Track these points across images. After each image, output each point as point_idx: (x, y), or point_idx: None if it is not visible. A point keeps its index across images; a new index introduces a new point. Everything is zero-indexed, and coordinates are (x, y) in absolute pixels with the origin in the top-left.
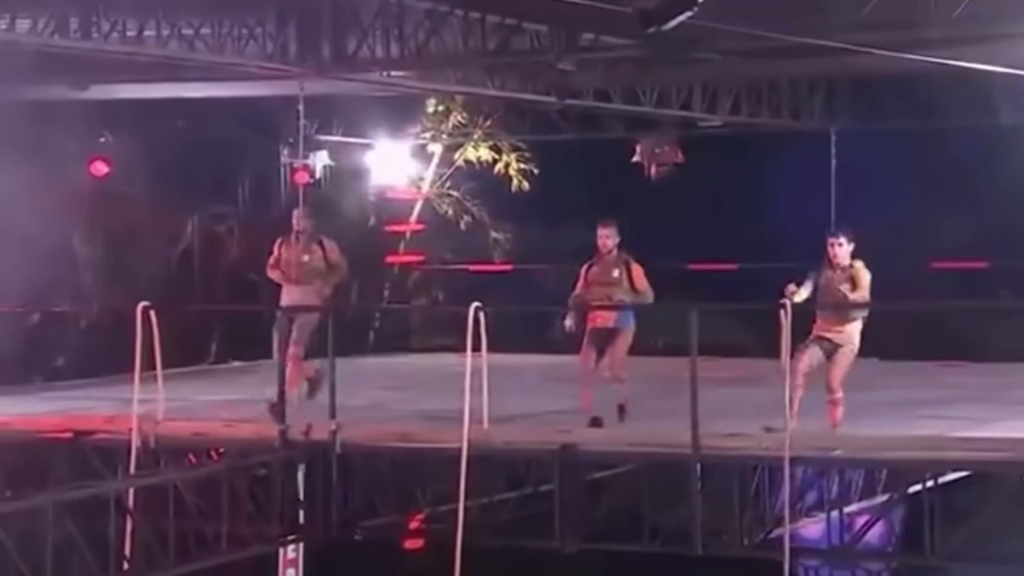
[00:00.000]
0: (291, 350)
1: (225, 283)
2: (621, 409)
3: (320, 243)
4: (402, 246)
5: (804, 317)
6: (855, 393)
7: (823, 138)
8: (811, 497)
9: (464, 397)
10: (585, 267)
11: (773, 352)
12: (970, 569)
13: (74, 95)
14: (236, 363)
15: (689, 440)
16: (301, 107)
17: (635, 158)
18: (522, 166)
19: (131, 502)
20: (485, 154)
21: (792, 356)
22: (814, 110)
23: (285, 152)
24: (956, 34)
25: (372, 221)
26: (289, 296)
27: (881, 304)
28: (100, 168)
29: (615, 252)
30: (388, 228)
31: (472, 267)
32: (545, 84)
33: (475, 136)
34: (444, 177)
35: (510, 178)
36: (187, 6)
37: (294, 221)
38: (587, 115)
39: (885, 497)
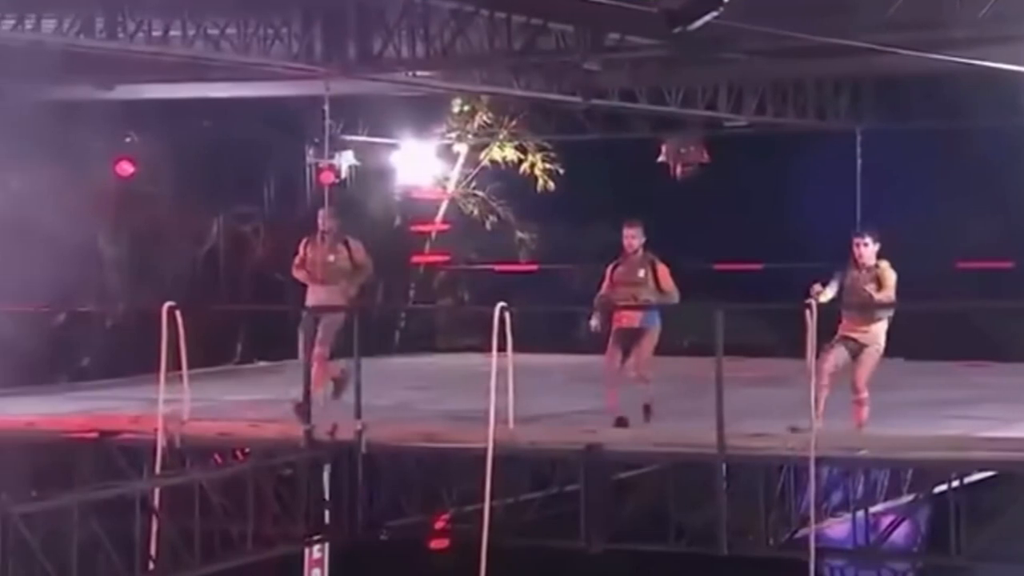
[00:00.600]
0: (317, 350)
1: (250, 283)
2: (647, 409)
3: (346, 243)
4: (428, 246)
5: (830, 317)
6: (880, 393)
7: (849, 138)
8: (836, 497)
9: (490, 397)
10: (611, 267)
11: (798, 352)
12: (996, 569)
13: (100, 95)
14: (262, 363)
15: (715, 440)
16: (327, 107)
17: (661, 158)
18: (548, 166)
19: (156, 502)
20: (511, 154)
21: (818, 356)
22: (840, 110)
23: (311, 152)
24: (981, 34)
25: (398, 221)
26: (315, 296)
27: (907, 304)
28: (126, 168)
29: (641, 252)
30: (414, 228)
31: (498, 267)
32: (571, 84)
33: (501, 136)
34: (470, 177)
35: (536, 178)
36: (213, 6)
37: (319, 221)
38: (613, 115)
39: (911, 497)
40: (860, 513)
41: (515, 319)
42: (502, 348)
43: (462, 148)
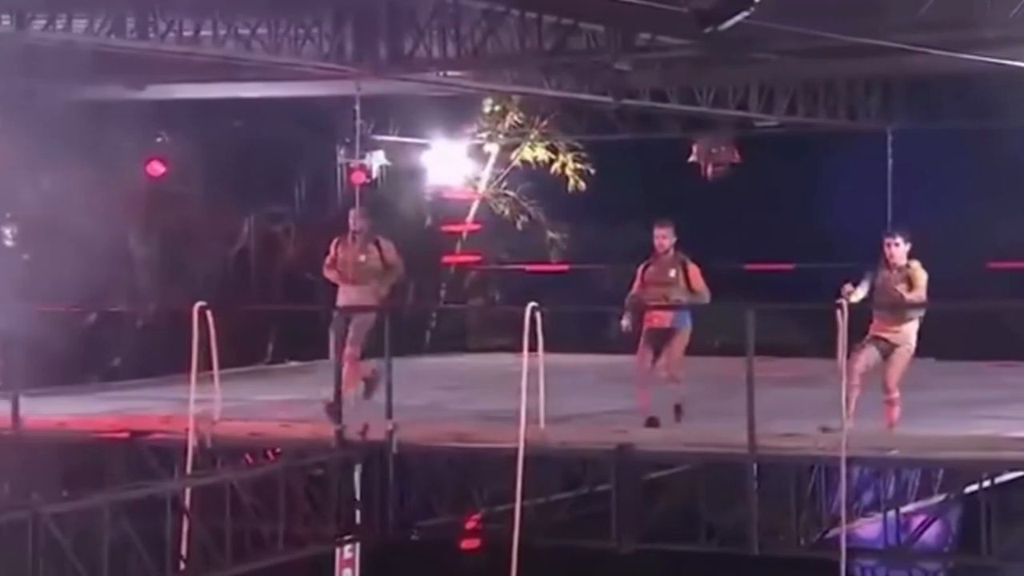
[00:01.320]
0: (347, 350)
1: (281, 283)
2: (677, 409)
3: (376, 243)
4: (458, 246)
5: (861, 317)
6: (911, 393)
7: (879, 138)
8: (867, 497)
9: (520, 397)
10: (642, 267)
11: (829, 352)
12: None
13: (131, 95)
14: (293, 363)
15: (745, 440)
16: (358, 107)
17: (692, 158)
18: (579, 166)
19: (187, 502)
20: (542, 154)
21: (848, 356)
22: (870, 110)
23: (342, 152)
24: (1013, 34)
25: (428, 221)
26: (345, 296)
27: (937, 304)
28: (157, 168)
29: (672, 252)
30: (444, 228)
31: (528, 267)
32: (602, 84)
33: (532, 136)
34: (500, 177)
35: (567, 178)
36: (244, 6)
37: (350, 221)
38: (644, 115)
39: (941, 497)
40: (891, 513)
41: (546, 319)
42: (533, 348)
43: (493, 148)
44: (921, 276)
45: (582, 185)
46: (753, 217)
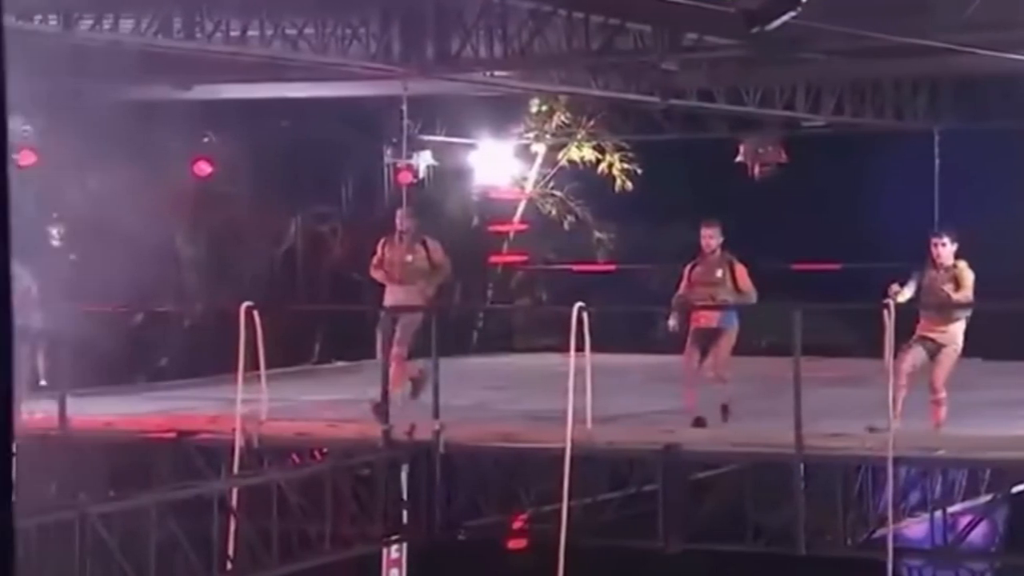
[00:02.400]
0: (394, 350)
1: (328, 283)
2: (724, 409)
3: (424, 243)
4: (505, 246)
5: (907, 317)
6: (958, 393)
7: (926, 138)
8: (914, 497)
9: (567, 397)
10: (688, 267)
11: (876, 352)
12: None
13: (177, 95)
14: (339, 363)
15: (792, 440)
16: (404, 107)
17: (738, 158)
18: (625, 166)
19: (234, 502)
20: (588, 154)
21: (895, 356)
22: (917, 110)
23: (388, 152)
24: None
25: (475, 221)
26: (392, 296)
27: (984, 304)
28: (203, 168)
29: (718, 252)
30: (491, 228)
31: (575, 267)
32: (649, 84)
33: (578, 136)
34: (547, 177)
35: (613, 178)
36: (291, 6)
37: (397, 221)
38: (691, 115)
39: (988, 497)
40: (938, 513)
41: (593, 319)
42: (580, 348)
43: (540, 148)
44: (968, 276)
45: (629, 185)
46: (800, 217)
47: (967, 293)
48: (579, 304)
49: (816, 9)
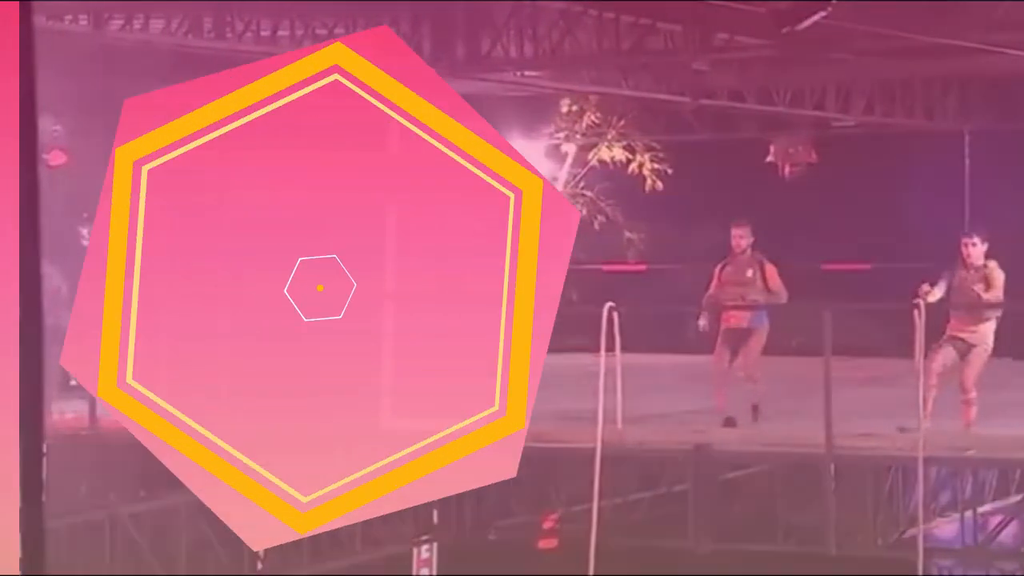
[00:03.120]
0: None
1: None
2: (755, 409)
3: None
4: None
5: (938, 317)
6: (989, 393)
7: (957, 138)
8: (945, 497)
9: (598, 397)
10: (719, 267)
11: (906, 352)
12: None
13: None
14: None
15: (823, 440)
16: None
17: (769, 158)
18: (656, 166)
19: None
20: (619, 154)
21: (926, 356)
22: (948, 110)
23: None
24: None
25: None
26: None
27: (1015, 304)
28: None
29: (749, 252)
30: None
31: (606, 267)
32: (679, 84)
33: (609, 136)
34: (578, 177)
35: (644, 178)
36: (321, 6)
37: None
38: (721, 115)
39: (1019, 497)
40: (969, 513)
41: (623, 319)
42: (610, 348)
43: (570, 148)
44: (998, 276)
45: (659, 185)
46: (830, 217)
47: (997, 293)
48: (609, 304)
49: (846, 9)
